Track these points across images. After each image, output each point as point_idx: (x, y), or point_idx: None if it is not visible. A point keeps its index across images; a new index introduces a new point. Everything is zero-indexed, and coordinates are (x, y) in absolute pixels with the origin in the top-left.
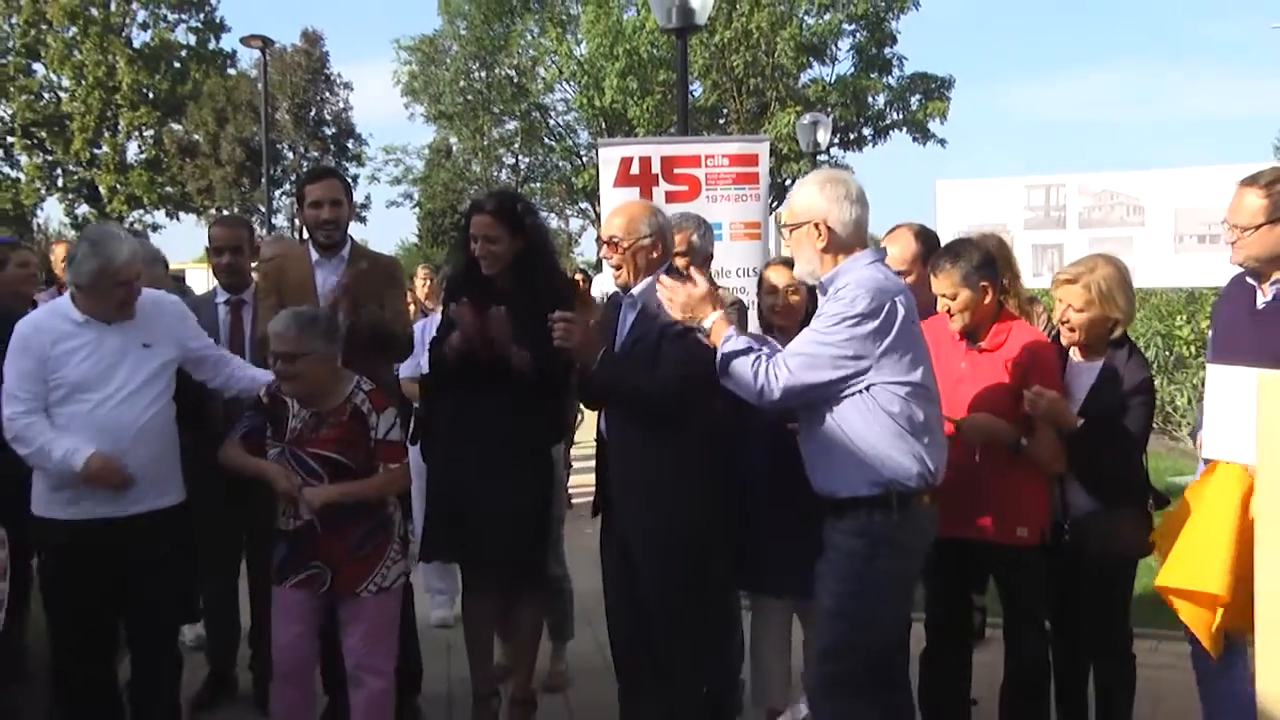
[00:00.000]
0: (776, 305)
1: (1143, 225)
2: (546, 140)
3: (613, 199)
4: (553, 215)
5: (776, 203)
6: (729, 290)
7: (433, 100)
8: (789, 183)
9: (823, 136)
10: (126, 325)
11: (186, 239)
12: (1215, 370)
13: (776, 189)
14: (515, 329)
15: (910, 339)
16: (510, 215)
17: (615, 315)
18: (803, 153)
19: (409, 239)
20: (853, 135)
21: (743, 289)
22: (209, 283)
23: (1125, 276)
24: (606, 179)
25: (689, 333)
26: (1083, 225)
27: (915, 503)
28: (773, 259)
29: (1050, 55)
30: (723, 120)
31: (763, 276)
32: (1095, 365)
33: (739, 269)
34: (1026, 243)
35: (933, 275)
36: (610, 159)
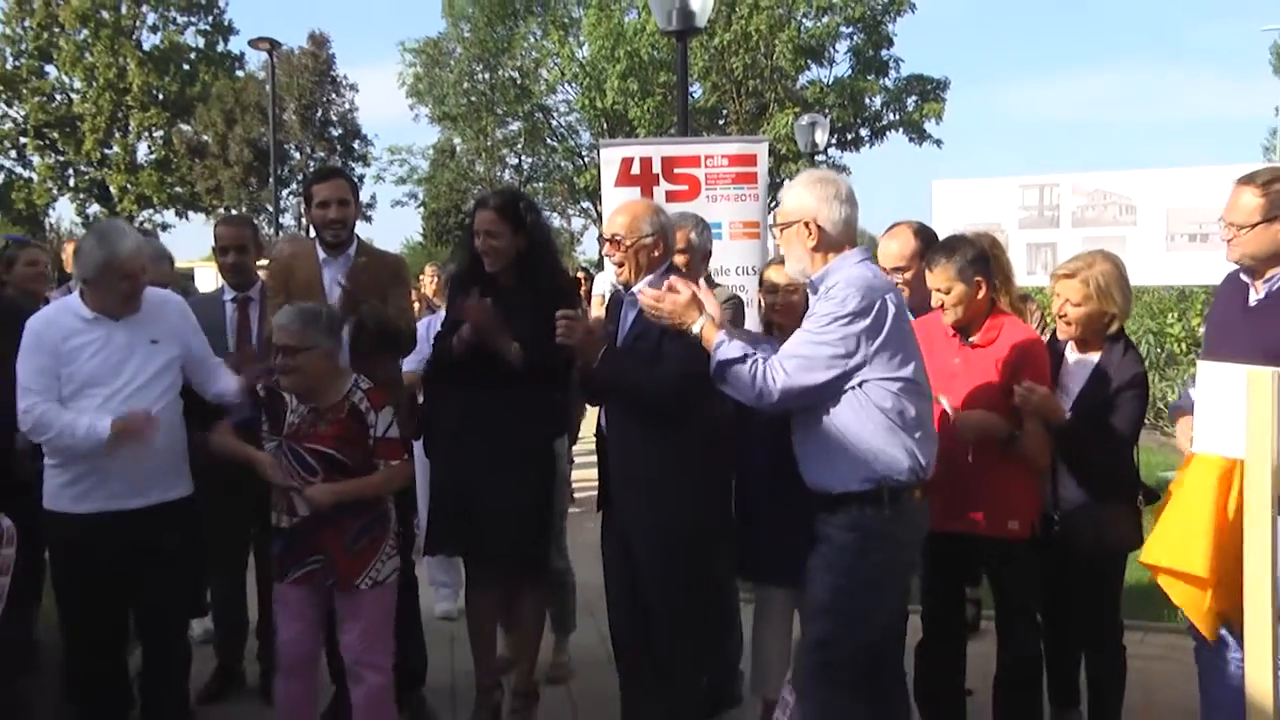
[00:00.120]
0: (777, 304)
1: (1135, 224)
2: (549, 141)
3: (614, 198)
4: (555, 215)
5: (775, 202)
6: (725, 288)
7: (437, 101)
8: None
9: (820, 137)
10: (134, 321)
11: (195, 238)
12: (1205, 366)
13: (775, 189)
14: (517, 325)
15: (901, 336)
16: (513, 212)
17: (617, 313)
18: (801, 153)
19: (414, 238)
20: (850, 136)
21: (742, 287)
22: (218, 281)
23: (1122, 273)
24: (608, 179)
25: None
26: (1076, 224)
27: (907, 497)
28: (773, 259)
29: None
30: (722, 121)
31: (763, 276)
32: (1091, 359)
33: (738, 267)
34: (1021, 241)
35: (928, 270)
36: (611, 159)
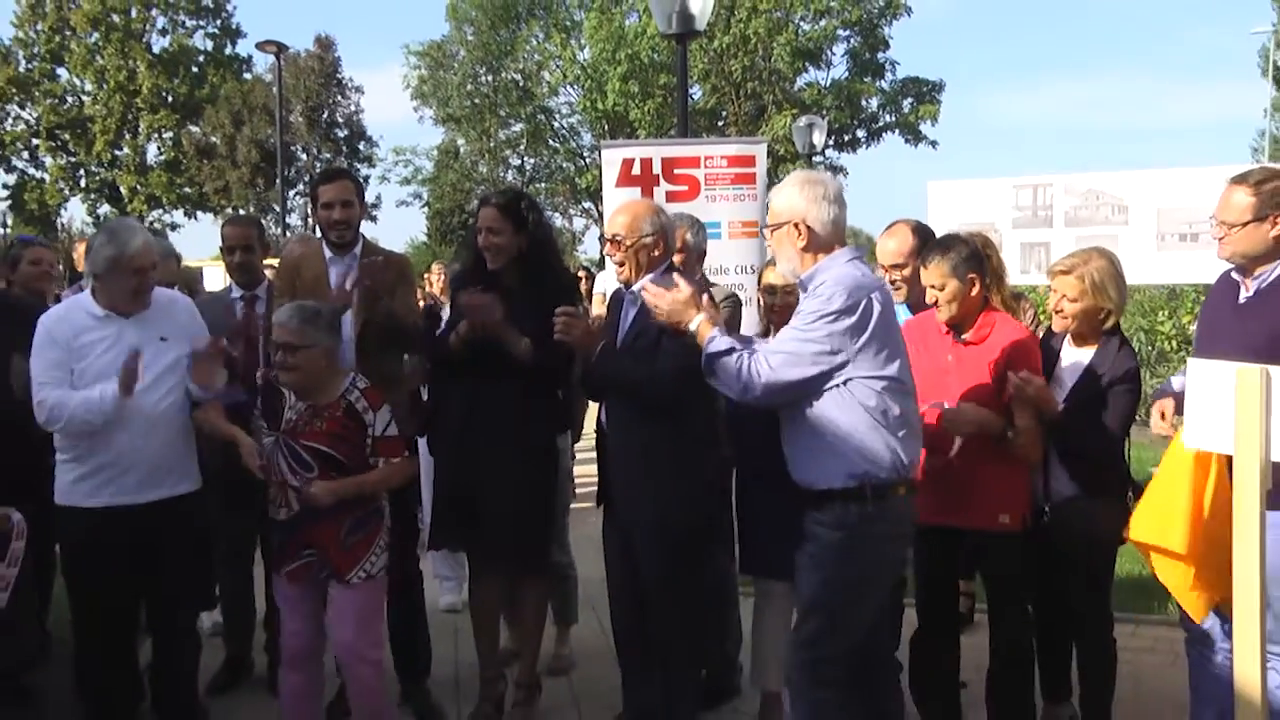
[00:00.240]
0: (775, 304)
1: (1126, 224)
2: (551, 142)
3: (615, 198)
4: (557, 215)
5: None
6: (723, 286)
7: (441, 103)
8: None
9: (818, 138)
10: (144, 319)
11: (204, 238)
12: (1195, 364)
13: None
14: (519, 323)
15: (886, 334)
16: (515, 211)
17: (618, 311)
18: (799, 154)
19: (418, 237)
20: (847, 137)
21: (740, 285)
22: (225, 280)
23: (1117, 269)
24: (609, 179)
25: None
26: (1069, 224)
27: (891, 494)
28: (771, 259)
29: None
30: (721, 122)
31: (762, 276)
32: (1086, 353)
33: (737, 266)
34: (1015, 241)
35: (922, 267)
36: (613, 160)
